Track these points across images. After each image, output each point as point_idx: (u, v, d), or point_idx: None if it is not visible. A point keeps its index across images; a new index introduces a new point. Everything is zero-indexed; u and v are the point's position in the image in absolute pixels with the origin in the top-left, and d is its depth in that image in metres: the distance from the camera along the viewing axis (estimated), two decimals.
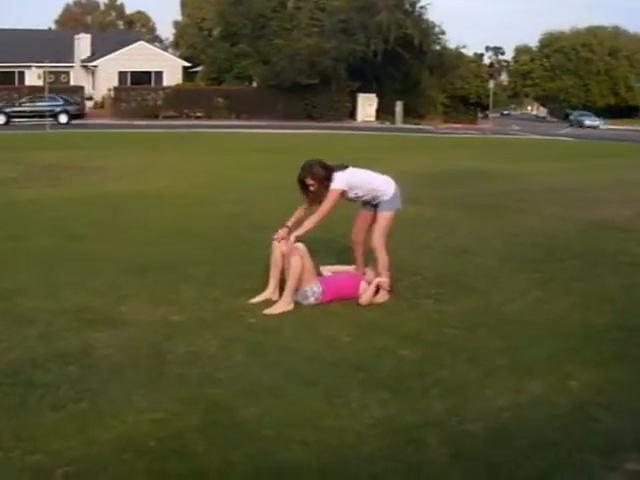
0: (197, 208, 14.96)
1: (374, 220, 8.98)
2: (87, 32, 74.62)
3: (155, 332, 7.28)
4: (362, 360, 6.67)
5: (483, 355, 6.87)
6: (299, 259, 8.22)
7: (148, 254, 10.64)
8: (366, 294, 8.47)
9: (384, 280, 8.66)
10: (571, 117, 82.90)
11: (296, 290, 8.28)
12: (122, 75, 67.77)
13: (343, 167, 8.84)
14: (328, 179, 8.61)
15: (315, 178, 8.60)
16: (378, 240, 8.92)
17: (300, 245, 8.34)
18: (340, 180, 8.65)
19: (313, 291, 8.33)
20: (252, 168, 23.47)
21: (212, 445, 5.02)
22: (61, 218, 13.61)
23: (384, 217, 8.93)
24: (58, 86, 60.26)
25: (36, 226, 12.76)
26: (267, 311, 8.01)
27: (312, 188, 8.62)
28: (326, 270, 8.99)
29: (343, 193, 8.70)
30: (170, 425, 5.28)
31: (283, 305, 8.12)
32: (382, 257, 8.89)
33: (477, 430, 5.35)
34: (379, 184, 8.99)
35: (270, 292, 8.44)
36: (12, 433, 5.10)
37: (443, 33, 71.91)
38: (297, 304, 8.24)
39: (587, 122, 78.36)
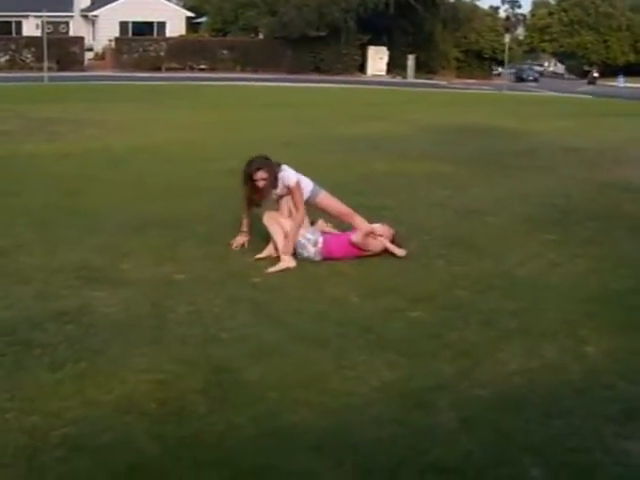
0: (200, 163, 14.93)
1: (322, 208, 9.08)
2: None
3: (157, 291, 7.31)
4: (371, 321, 6.68)
5: (495, 318, 6.87)
6: (274, 225, 8.45)
7: (149, 210, 10.63)
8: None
9: (375, 226, 8.78)
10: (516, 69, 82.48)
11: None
12: (123, 25, 67.27)
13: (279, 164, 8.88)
14: (276, 176, 8.66)
15: (269, 172, 8.60)
16: (343, 209, 9.02)
17: (267, 214, 8.63)
18: (291, 174, 8.75)
19: (308, 239, 8.42)
20: (256, 122, 23.41)
21: (214, 407, 5.04)
22: (59, 173, 13.59)
23: (326, 196, 9.02)
24: (57, 36, 60.00)
25: (33, 181, 12.76)
26: (270, 270, 8.04)
27: (262, 183, 8.60)
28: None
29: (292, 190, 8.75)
30: (171, 386, 5.30)
31: (283, 263, 8.17)
32: (356, 218, 8.98)
33: (488, 395, 5.36)
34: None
35: (271, 248, 8.49)
36: (8, 394, 5.11)
37: None
38: (302, 262, 8.26)
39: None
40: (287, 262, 8.17)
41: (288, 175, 8.70)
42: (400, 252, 8.63)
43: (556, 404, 5.27)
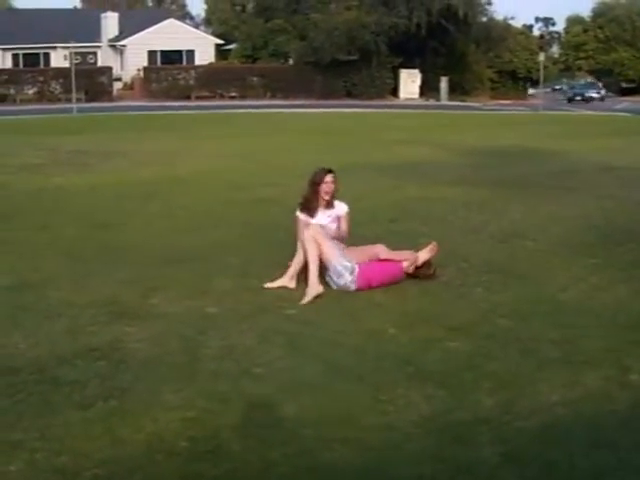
0: (230, 193, 14.95)
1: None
2: (114, 10, 74.49)
3: (188, 325, 7.28)
4: (408, 353, 6.62)
5: (536, 347, 6.79)
6: (313, 244, 8.32)
7: (179, 243, 10.64)
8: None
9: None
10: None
11: (326, 270, 8.36)
12: (152, 54, 67.84)
13: None
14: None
15: (336, 181, 9.03)
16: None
17: (313, 225, 8.56)
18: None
19: (345, 266, 8.36)
20: (287, 150, 23.44)
21: (249, 445, 5.00)
22: (89, 206, 13.66)
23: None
24: (85, 67, 60.57)
25: (63, 214, 12.83)
26: (303, 301, 8.00)
27: (330, 187, 8.98)
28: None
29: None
30: (204, 424, 5.26)
31: (312, 290, 8.12)
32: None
33: (530, 427, 5.28)
34: None
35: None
36: (37, 433, 5.10)
37: (490, 4, 71.37)
38: (337, 294, 8.21)
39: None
40: (314, 290, 8.12)
41: (342, 203, 9.04)
42: (424, 256, 8.71)
43: (601, 435, 5.18)
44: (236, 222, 12.03)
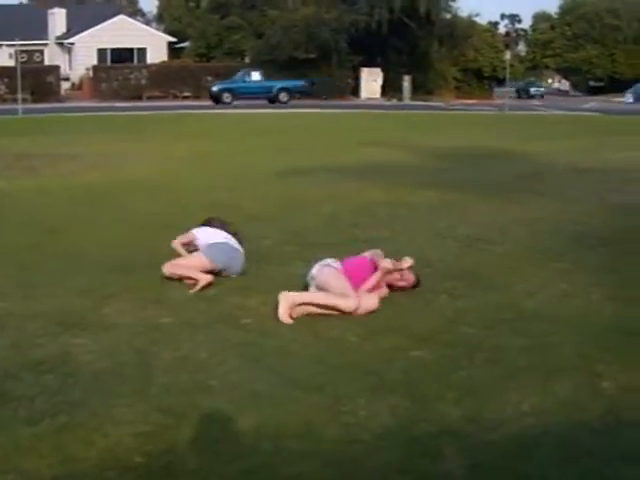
0: (183, 197, 14.89)
1: None
2: (62, 6, 74.19)
3: (141, 336, 7.24)
4: (371, 363, 6.62)
5: (504, 355, 6.81)
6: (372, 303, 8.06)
7: (132, 250, 10.59)
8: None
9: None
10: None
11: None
12: (101, 53, 67.66)
13: None
14: None
15: None
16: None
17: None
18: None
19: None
20: (244, 152, 23.43)
21: (205, 460, 4.97)
22: (35, 211, 13.56)
23: None
24: (31, 66, 60.21)
25: (8, 220, 12.73)
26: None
27: None
28: None
29: None
30: (158, 439, 5.23)
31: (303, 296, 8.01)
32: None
33: (498, 438, 5.29)
34: None
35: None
36: None
37: (453, 0, 71.89)
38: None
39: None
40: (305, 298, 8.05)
41: None
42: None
43: (573, 446, 5.20)
44: (189, 228, 11.96)
